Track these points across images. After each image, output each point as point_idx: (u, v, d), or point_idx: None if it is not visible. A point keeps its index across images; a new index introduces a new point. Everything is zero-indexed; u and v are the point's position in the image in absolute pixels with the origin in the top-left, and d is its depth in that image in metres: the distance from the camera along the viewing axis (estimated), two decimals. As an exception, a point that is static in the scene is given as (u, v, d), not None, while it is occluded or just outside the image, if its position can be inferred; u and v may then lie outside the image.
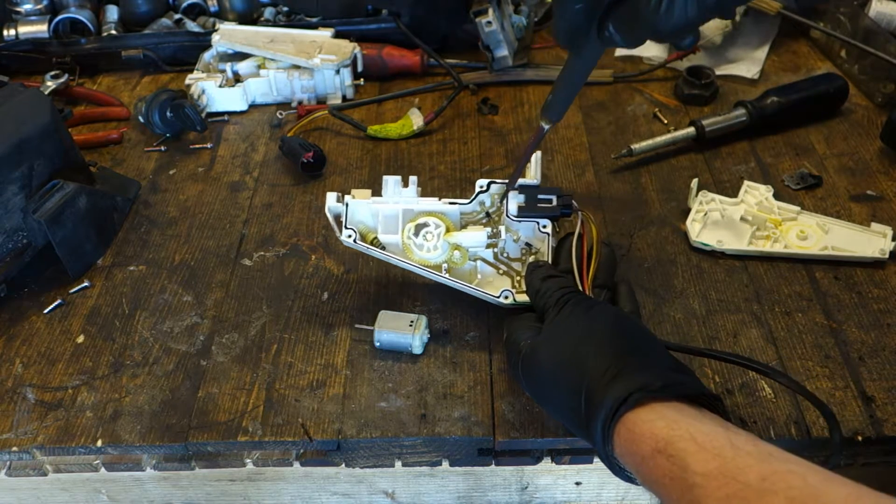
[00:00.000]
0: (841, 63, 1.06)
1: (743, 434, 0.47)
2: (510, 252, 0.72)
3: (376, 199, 0.71)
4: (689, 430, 0.47)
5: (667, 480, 0.46)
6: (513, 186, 0.70)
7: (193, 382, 0.69)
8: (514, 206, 0.69)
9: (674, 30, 0.50)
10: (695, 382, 0.52)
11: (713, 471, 0.44)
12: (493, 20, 1.00)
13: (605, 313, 0.58)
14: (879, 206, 0.84)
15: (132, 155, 0.98)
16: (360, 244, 0.69)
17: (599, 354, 0.54)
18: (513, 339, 0.62)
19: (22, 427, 0.66)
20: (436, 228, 0.70)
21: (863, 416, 0.63)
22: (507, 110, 1.03)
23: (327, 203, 0.70)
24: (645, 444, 0.48)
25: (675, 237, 0.81)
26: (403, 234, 0.70)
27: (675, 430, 0.47)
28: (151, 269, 0.81)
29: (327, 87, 1.05)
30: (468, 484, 0.71)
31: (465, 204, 0.71)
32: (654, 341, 0.57)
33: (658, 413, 0.49)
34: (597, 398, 0.52)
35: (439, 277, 0.69)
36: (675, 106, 1.02)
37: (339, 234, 0.69)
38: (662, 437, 0.47)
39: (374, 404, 0.66)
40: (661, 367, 0.53)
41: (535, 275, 0.65)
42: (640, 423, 0.49)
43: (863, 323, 0.71)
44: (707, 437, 0.46)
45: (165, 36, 1.13)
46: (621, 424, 0.50)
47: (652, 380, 0.50)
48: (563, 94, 0.64)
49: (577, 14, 0.54)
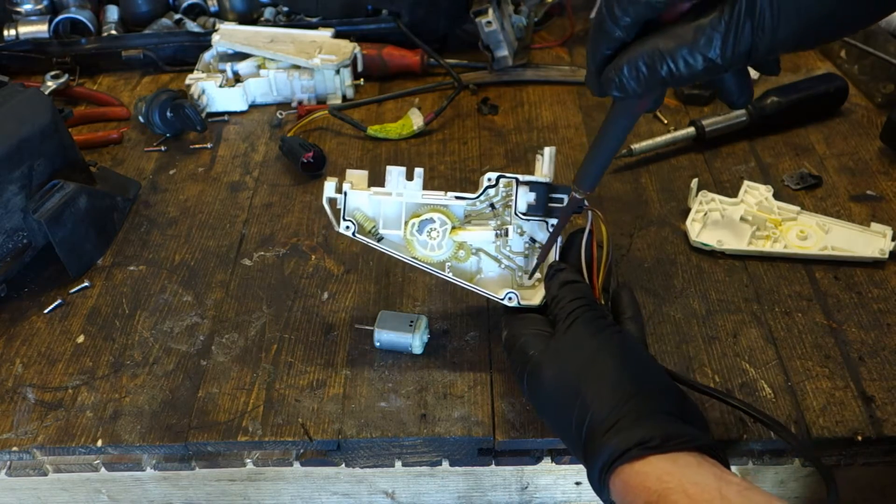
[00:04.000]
0: (841, 63, 1.06)
1: (735, 484, 0.48)
2: (513, 246, 0.69)
3: (378, 190, 0.67)
4: (681, 483, 0.48)
5: None
6: (542, 261, 0.66)
7: (193, 382, 0.69)
8: (524, 205, 0.67)
9: None
10: (694, 434, 0.52)
11: None
12: (493, 20, 1.00)
13: (612, 341, 0.57)
14: (879, 206, 0.84)
15: (132, 155, 0.98)
16: (360, 236, 0.66)
17: (603, 392, 0.54)
18: (520, 345, 0.61)
19: (22, 427, 0.66)
20: (441, 226, 0.67)
21: (863, 416, 0.63)
22: (507, 110, 1.03)
23: (325, 192, 0.65)
24: (639, 497, 0.49)
25: (675, 237, 0.81)
26: (406, 229, 0.67)
27: (668, 483, 0.48)
28: (151, 269, 0.81)
29: (327, 87, 1.05)
30: (468, 484, 0.70)
31: (472, 199, 0.68)
32: (658, 378, 0.57)
33: (653, 465, 0.50)
34: (596, 443, 0.52)
35: (442, 275, 0.68)
36: (675, 106, 1.02)
37: (336, 226, 0.66)
38: (655, 491, 0.48)
39: (374, 404, 0.66)
40: (663, 414, 0.53)
41: (554, 279, 0.63)
42: (635, 475, 0.50)
43: (863, 323, 0.71)
44: (698, 489, 0.47)
45: (165, 36, 1.13)
46: (616, 475, 0.51)
47: (651, 433, 0.51)
48: (593, 160, 0.58)
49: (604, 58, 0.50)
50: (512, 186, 0.67)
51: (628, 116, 0.55)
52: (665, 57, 0.47)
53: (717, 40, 0.45)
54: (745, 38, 0.44)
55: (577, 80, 1.07)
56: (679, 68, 0.47)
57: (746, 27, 0.44)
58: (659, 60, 0.47)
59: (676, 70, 0.47)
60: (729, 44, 0.45)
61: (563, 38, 1.17)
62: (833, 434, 0.62)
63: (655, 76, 0.48)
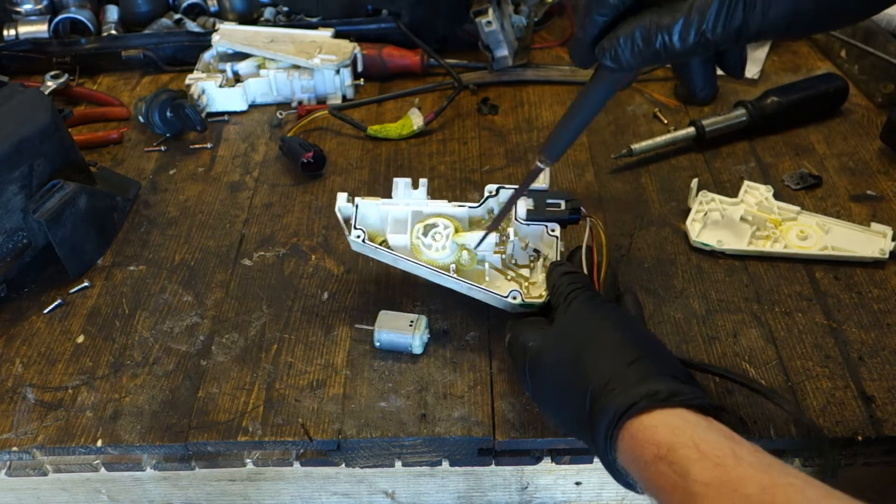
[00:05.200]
0: (841, 63, 1.06)
1: (746, 444, 0.47)
2: (518, 259, 0.72)
3: (386, 201, 0.71)
4: (692, 438, 0.47)
5: (668, 487, 0.46)
6: (494, 228, 0.68)
7: (193, 382, 0.69)
8: (523, 210, 0.69)
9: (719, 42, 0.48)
10: (700, 393, 0.52)
11: (714, 480, 0.44)
12: (493, 20, 1.00)
13: (611, 315, 0.58)
14: (879, 206, 0.84)
15: (132, 155, 0.98)
16: (369, 244, 0.69)
17: (605, 359, 0.54)
18: (519, 343, 0.62)
19: (22, 427, 0.66)
20: (444, 229, 0.69)
21: (863, 416, 0.63)
22: (507, 110, 1.03)
23: (338, 203, 0.70)
24: (647, 451, 0.48)
25: (675, 237, 0.81)
26: (412, 234, 0.70)
27: (678, 437, 0.47)
28: (151, 269, 0.81)
29: (327, 87, 1.05)
30: (468, 484, 0.71)
31: (474, 207, 0.71)
32: (661, 347, 0.57)
33: (661, 420, 0.49)
34: (601, 403, 0.52)
35: (447, 278, 0.68)
36: (675, 106, 1.02)
37: (347, 235, 0.69)
38: (665, 444, 0.47)
39: (374, 404, 0.66)
40: (668, 375, 0.52)
41: (555, 271, 0.65)
42: (644, 429, 0.49)
43: (863, 323, 0.71)
44: (710, 445, 0.46)
45: (165, 36, 1.13)
46: (625, 430, 0.50)
47: (657, 388, 0.50)
48: (565, 130, 0.60)
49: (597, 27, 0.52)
50: None
51: (609, 90, 0.57)
52: (660, 30, 0.49)
53: (711, 16, 0.48)
54: (738, 15, 0.48)
55: (577, 80, 1.07)
56: (673, 42, 0.49)
57: (739, 5, 0.47)
58: (655, 33, 0.50)
59: (670, 43, 0.49)
60: (721, 20, 0.48)
61: (563, 38, 1.17)
62: (833, 434, 0.62)
63: (650, 48, 0.50)
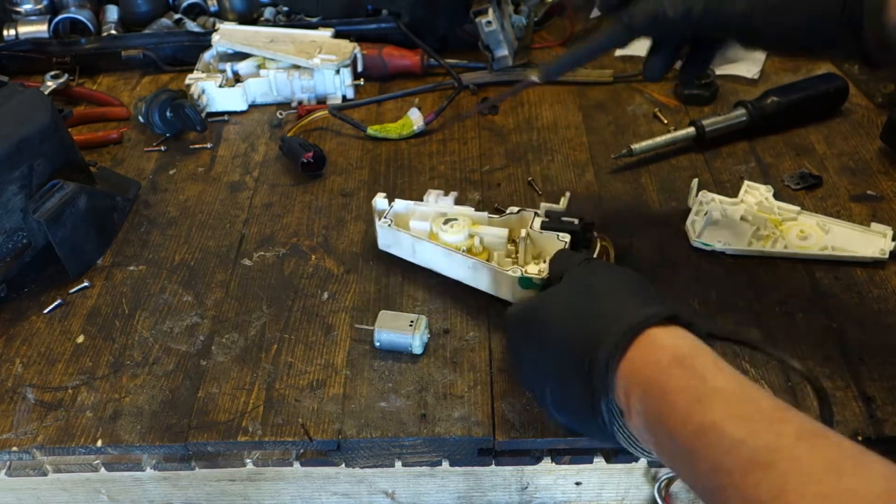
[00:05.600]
0: (841, 63, 1.06)
1: None
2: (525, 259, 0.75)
3: (419, 202, 0.78)
4: (710, 354, 0.48)
5: (678, 389, 0.46)
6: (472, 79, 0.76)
7: (193, 382, 0.69)
8: (538, 222, 0.73)
9: None
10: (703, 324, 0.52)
11: (730, 389, 0.45)
12: (493, 20, 1.00)
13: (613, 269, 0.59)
14: (879, 206, 0.84)
15: (132, 155, 0.98)
16: (393, 227, 0.76)
17: (611, 300, 0.53)
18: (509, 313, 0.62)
19: (22, 427, 0.66)
20: (463, 220, 0.75)
21: (863, 416, 0.63)
22: (507, 110, 1.03)
23: (375, 200, 0.78)
24: (665, 354, 0.48)
25: (676, 237, 0.81)
26: (434, 223, 0.75)
27: (698, 349, 0.48)
28: (151, 269, 0.81)
29: (327, 87, 1.05)
30: (468, 484, 0.70)
31: (496, 217, 0.76)
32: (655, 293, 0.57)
33: (681, 334, 0.49)
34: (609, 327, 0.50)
35: (456, 255, 0.72)
36: (675, 106, 1.02)
37: (377, 221, 0.77)
38: (684, 352, 0.48)
39: (374, 404, 0.66)
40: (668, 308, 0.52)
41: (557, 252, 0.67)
42: (664, 336, 0.49)
43: (863, 323, 0.71)
44: (727, 365, 0.47)
45: (165, 36, 1.13)
46: (638, 341, 0.49)
47: (674, 312, 0.50)
48: (565, 57, 0.66)
49: None
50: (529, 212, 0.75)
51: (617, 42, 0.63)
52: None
53: None
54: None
55: (577, 80, 1.07)
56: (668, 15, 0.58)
57: None
58: None
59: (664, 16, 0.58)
60: None
61: (563, 39, 1.16)
62: (833, 434, 0.62)
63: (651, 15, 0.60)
